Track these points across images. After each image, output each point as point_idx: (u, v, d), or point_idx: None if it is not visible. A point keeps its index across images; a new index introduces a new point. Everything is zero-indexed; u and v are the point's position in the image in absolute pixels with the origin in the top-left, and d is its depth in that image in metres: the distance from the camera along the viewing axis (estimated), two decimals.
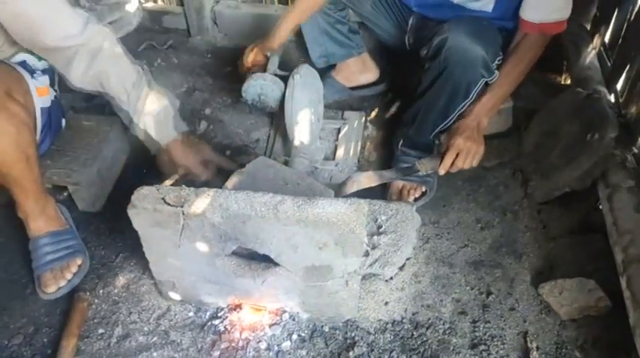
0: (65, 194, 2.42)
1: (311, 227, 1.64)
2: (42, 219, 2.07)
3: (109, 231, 2.35)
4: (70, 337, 1.92)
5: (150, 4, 3.32)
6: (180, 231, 1.73)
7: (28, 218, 2.06)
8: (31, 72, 2.08)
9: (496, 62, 2.07)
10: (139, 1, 3.22)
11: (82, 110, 2.78)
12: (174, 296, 2.03)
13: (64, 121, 2.39)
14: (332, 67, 2.86)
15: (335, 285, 1.84)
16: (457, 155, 2.05)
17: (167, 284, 1.98)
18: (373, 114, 2.81)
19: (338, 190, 2.11)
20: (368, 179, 2.16)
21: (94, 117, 2.57)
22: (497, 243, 2.20)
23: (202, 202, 1.68)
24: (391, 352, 1.88)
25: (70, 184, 2.31)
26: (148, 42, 3.19)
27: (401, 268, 2.09)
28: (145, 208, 1.69)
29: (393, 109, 2.83)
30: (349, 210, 1.64)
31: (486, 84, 2.09)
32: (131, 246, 2.26)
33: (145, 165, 2.59)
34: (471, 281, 2.08)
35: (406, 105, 2.47)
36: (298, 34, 2.85)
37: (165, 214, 1.68)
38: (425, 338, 1.91)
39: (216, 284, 1.90)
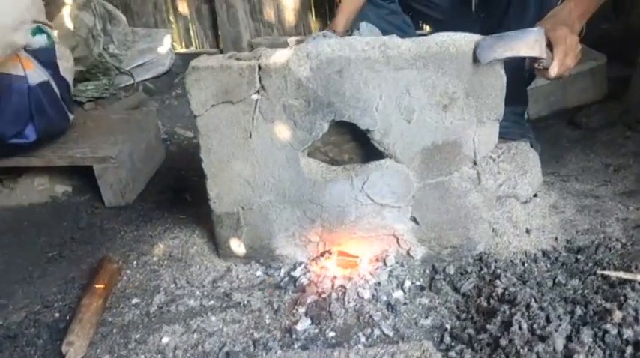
0: (87, 196, 1.98)
1: (433, 66, 1.21)
2: None
3: (142, 220, 1.86)
4: (93, 295, 1.36)
5: (183, 49, 3.15)
6: (254, 103, 1.28)
7: None
8: None
9: None
10: (171, 45, 3.06)
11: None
12: (237, 247, 1.49)
13: (71, 116, 2.05)
14: None
15: (463, 182, 1.33)
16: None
17: (229, 223, 1.45)
18: None
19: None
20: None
21: (125, 112, 2.24)
22: None
23: (284, 53, 1.27)
24: (554, 279, 1.30)
25: (96, 162, 1.88)
26: (181, 76, 2.97)
27: (535, 195, 1.59)
28: (209, 67, 1.27)
29: None
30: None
31: None
32: (172, 222, 1.78)
33: (183, 167, 2.19)
34: (632, 204, 1.56)
35: None
36: None
37: (236, 73, 1.26)
38: (598, 258, 1.34)
39: (298, 205, 1.39)
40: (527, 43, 1.28)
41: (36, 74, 1.79)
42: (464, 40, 1.21)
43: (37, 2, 1.94)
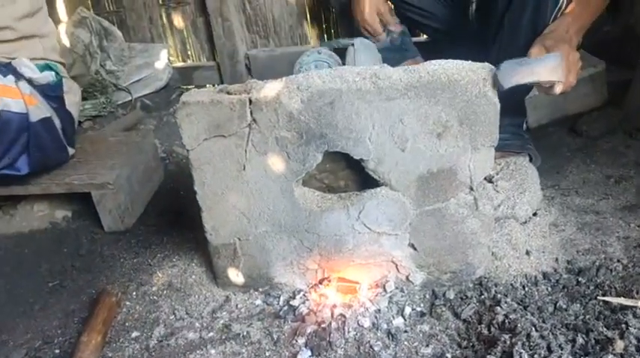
0: (87, 221, 1.98)
1: (425, 95, 1.20)
2: None
3: (142, 245, 1.85)
4: (91, 332, 1.35)
5: (180, 63, 3.14)
6: (246, 136, 1.27)
7: None
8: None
9: None
10: (168, 59, 3.05)
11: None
12: (235, 277, 1.48)
13: (71, 151, 2.00)
14: None
15: (460, 208, 1.32)
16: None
17: (226, 254, 1.45)
18: None
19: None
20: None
21: (122, 133, 2.23)
22: None
23: (275, 85, 1.25)
24: (555, 303, 1.29)
25: (94, 189, 1.87)
26: (179, 92, 2.96)
27: (534, 214, 1.58)
28: (200, 102, 1.26)
29: None
30: (475, 67, 1.21)
31: None
32: (171, 248, 1.77)
33: (182, 187, 2.18)
34: (633, 220, 1.54)
35: None
36: None
37: (227, 107, 1.25)
38: (599, 281, 1.33)
39: (294, 234, 1.38)
40: (548, 69, 1.28)
41: (38, 110, 1.76)
42: (455, 69, 1.19)
43: (51, 40, 1.93)
